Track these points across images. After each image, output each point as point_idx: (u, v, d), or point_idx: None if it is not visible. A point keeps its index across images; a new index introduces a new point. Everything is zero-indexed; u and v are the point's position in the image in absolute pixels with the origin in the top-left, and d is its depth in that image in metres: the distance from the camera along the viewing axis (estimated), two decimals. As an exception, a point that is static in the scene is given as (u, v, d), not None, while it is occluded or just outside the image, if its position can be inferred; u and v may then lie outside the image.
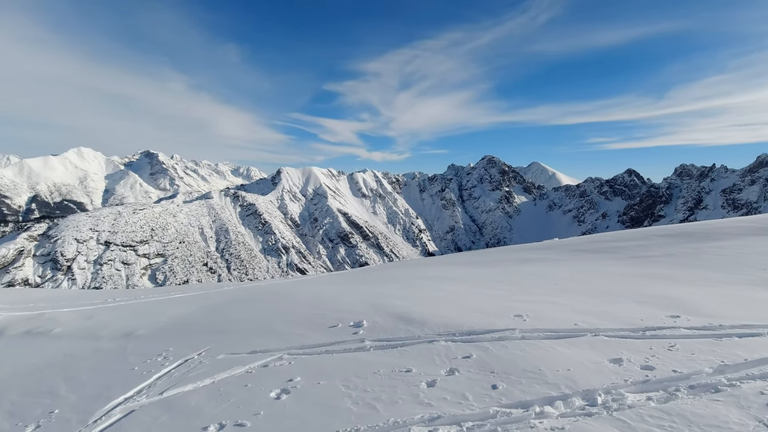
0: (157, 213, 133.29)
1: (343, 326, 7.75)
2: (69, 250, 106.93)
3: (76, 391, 5.79)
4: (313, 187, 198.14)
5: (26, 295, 14.36)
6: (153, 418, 4.83)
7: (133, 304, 11.78)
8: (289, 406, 4.83)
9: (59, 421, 4.96)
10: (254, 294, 12.65)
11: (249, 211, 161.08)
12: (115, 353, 7.29)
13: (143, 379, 6.01)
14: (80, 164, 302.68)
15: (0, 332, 8.62)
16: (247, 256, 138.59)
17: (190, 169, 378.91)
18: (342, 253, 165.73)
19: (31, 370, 6.65)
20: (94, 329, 8.77)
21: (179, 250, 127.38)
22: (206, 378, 5.80)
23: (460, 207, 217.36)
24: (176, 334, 8.15)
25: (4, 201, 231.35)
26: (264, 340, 7.27)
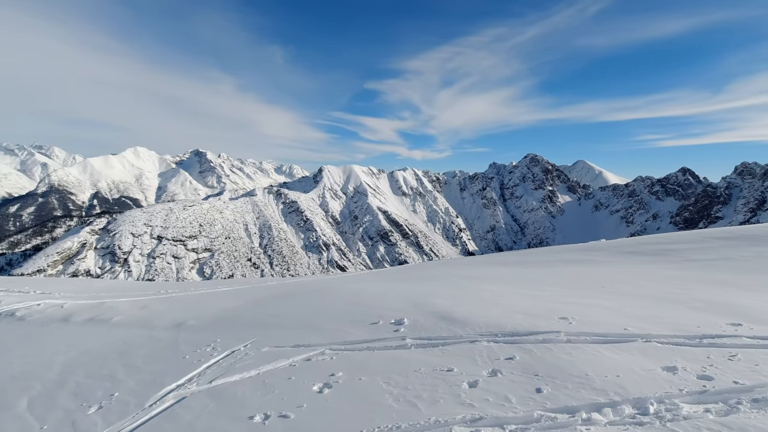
0: (205, 209, 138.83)
1: (384, 323, 7.80)
2: (125, 244, 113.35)
3: (134, 376, 6.14)
4: (353, 185, 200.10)
5: (89, 285, 15.37)
6: (203, 405, 5.05)
7: (183, 296, 12.35)
8: (332, 400, 4.92)
9: (119, 404, 5.27)
10: (297, 290, 12.95)
11: (291, 208, 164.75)
12: (168, 342, 7.67)
13: (194, 367, 6.29)
14: (136, 163, 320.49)
15: (66, 319, 9.29)
16: (289, 252, 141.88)
17: (236, 167, 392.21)
18: (381, 251, 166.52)
19: (93, 354, 7.12)
20: (148, 318, 9.27)
21: (225, 245, 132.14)
22: (252, 369, 6.00)
23: (502, 206, 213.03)
24: (224, 326, 8.48)
25: (69, 197, 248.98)
26: (307, 334, 7.43)
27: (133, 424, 4.76)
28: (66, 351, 7.35)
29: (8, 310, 9.72)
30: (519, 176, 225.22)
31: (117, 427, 4.71)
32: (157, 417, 4.85)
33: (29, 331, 8.77)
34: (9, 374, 6.39)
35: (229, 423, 4.58)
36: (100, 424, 4.79)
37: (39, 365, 6.71)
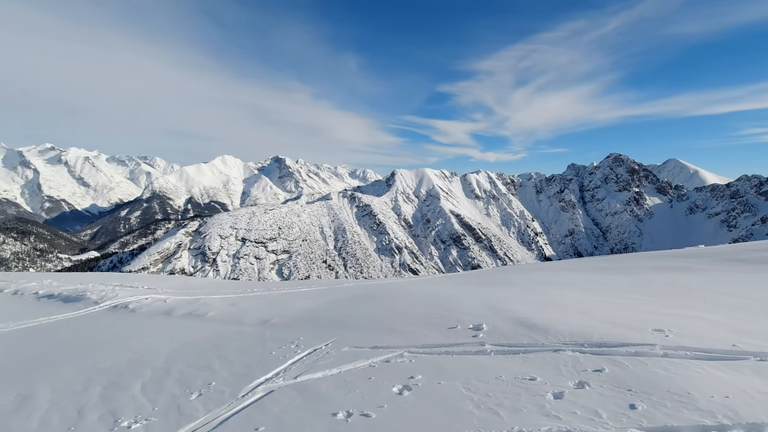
0: (283, 213, 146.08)
1: (462, 328, 7.72)
2: (214, 245, 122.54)
3: (227, 367, 6.64)
4: (425, 188, 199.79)
5: (186, 283, 16.86)
6: (289, 399, 5.33)
7: (267, 295, 13.11)
8: (412, 402, 4.97)
9: (215, 393, 5.73)
10: (373, 291, 13.22)
11: (365, 211, 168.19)
12: (256, 338, 8.19)
13: (279, 363, 6.66)
14: (224, 170, 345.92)
15: (169, 312, 10.29)
16: (362, 254, 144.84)
17: (313, 173, 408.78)
18: (454, 255, 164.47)
19: (192, 346, 7.81)
20: (238, 315, 9.98)
21: (302, 247, 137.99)
22: (333, 368, 6.23)
23: (581, 209, 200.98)
24: (306, 324, 8.89)
25: (168, 202, 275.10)
26: (385, 336, 7.57)
27: (229, 412, 5.15)
28: (169, 342, 8.13)
29: (122, 303, 10.97)
30: (601, 177, 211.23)
31: (215, 414, 5.13)
32: (249, 407, 5.21)
33: (139, 322, 9.82)
34: (125, 359, 7.21)
35: (314, 418, 4.80)
36: (200, 410, 5.24)
37: (148, 353, 7.49)
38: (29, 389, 6.17)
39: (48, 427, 5.09)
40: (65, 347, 8.36)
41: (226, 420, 4.93)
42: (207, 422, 4.94)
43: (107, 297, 11.41)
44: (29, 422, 5.22)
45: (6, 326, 9.65)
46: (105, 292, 11.83)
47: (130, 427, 4.93)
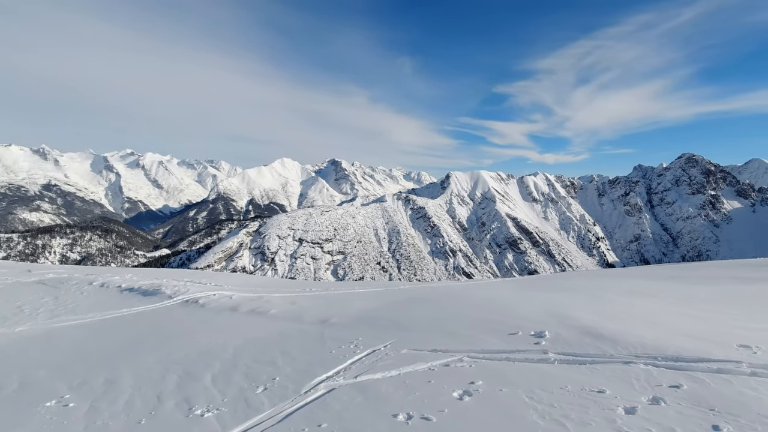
0: (339, 215, 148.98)
1: (523, 334, 7.51)
2: (273, 245, 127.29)
3: (290, 364, 6.88)
4: (481, 191, 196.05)
5: (248, 280, 17.67)
6: (350, 398, 5.43)
7: (325, 294, 13.44)
8: (473, 408, 4.90)
9: (279, 387, 5.96)
10: (429, 294, 13.17)
11: (419, 214, 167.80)
12: (316, 336, 8.42)
13: (339, 362, 6.80)
14: (282, 172, 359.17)
15: (235, 308, 10.84)
16: (416, 257, 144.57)
17: (368, 175, 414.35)
18: (510, 259, 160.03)
19: (257, 342, 8.17)
20: (298, 313, 10.31)
21: (356, 248, 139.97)
22: (392, 369, 6.28)
23: (648, 213, 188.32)
24: (364, 325, 9.02)
25: (231, 203, 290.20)
26: (444, 339, 7.52)
27: (292, 407, 5.34)
28: (236, 336, 8.56)
29: (193, 298, 11.69)
30: (671, 179, 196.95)
31: (279, 408, 5.33)
32: (312, 404, 5.36)
33: (208, 316, 10.42)
34: (197, 351, 7.67)
35: (375, 418, 4.86)
36: (266, 404, 5.47)
37: (217, 346, 7.92)
38: (115, 374, 6.73)
39: (132, 409, 5.53)
40: (144, 337, 9.04)
41: (290, 415, 5.10)
42: (272, 416, 5.15)
43: (180, 292, 12.21)
44: (116, 404, 5.70)
45: (95, 316, 10.61)
46: (178, 287, 12.67)
47: (203, 415, 5.23)
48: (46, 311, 10.98)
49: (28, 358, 7.92)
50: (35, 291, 12.79)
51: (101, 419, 5.30)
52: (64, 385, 6.41)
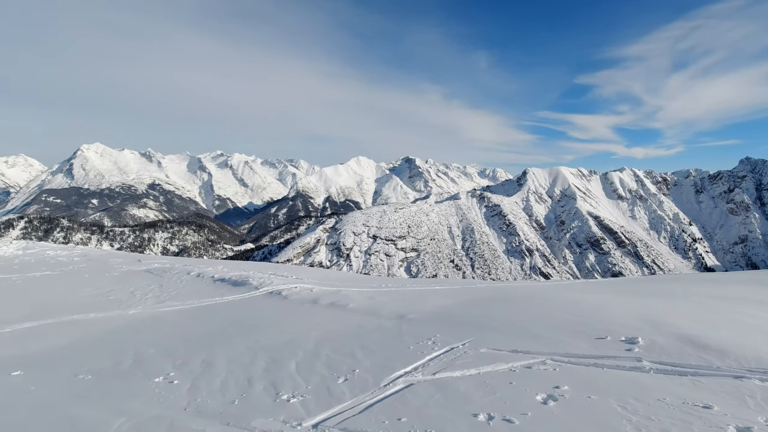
0: (413, 212, 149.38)
1: (613, 340, 7.03)
2: (348, 241, 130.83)
3: (369, 357, 7.03)
4: (560, 188, 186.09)
5: (326, 275, 18.35)
6: (429, 394, 5.43)
7: (401, 290, 13.55)
8: (558, 414, 4.68)
9: (359, 380, 6.12)
10: (507, 294, 12.78)
11: (494, 212, 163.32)
12: (393, 331, 8.52)
13: (417, 358, 6.82)
14: (358, 170, 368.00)
15: (315, 301, 11.32)
16: (491, 255, 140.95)
17: (441, 172, 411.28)
18: (591, 260, 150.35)
19: (337, 334, 8.46)
20: (375, 308, 10.51)
21: (430, 246, 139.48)
22: (471, 368, 6.18)
23: (758, 212, 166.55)
24: (441, 322, 8.97)
25: (309, 201, 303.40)
26: (524, 340, 7.26)
27: (373, 399, 5.46)
28: (317, 327, 8.92)
29: (277, 290, 12.39)
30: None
31: (360, 400, 5.47)
32: (391, 398, 5.44)
33: (291, 308, 10.98)
34: (282, 340, 8.12)
35: (455, 416, 4.81)
36: (347, 394, 5.64)
37: (300, 336, 8.32)
38: (211, 357, 7.32)
39: (227, 390, 5.98)
40: (235, 324, 9.74)
41: (371, 407, 5.22)
42: (353, 406, 5.30)
43: (265, 284, 12.99)
44: (212, 384, 6.20)
45: (193, 302, 11.64)
46: (263, 279, 13.49)
47: (289, 401, 5.52)
48: (153, 297, 12.24)
49: (139, 338, 8.89)
50: (144, 278, 14.31)
51: (200, 397, 5.80)
52: (169, 364, 7.09)
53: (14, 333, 9.43)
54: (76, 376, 6.80)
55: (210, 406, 5.50)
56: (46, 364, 7.52)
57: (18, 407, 5.61)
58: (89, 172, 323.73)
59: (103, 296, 12.45)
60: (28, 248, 20.33)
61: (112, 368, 7.17)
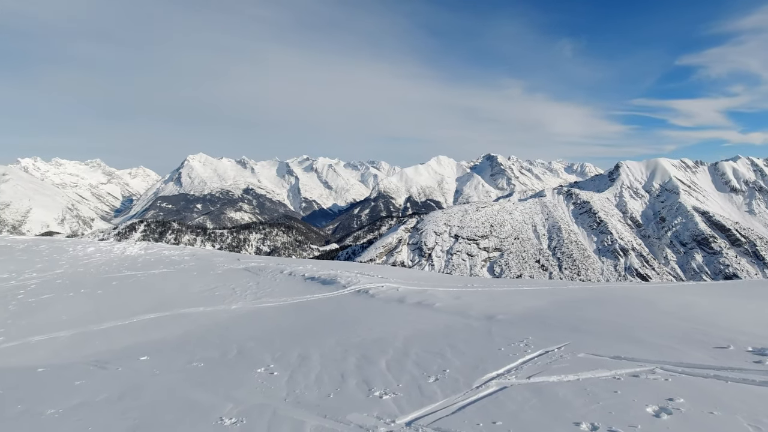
0: (495, 211, 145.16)
1: (737, 350, 6.24)
2: (430, 241, 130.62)
3: (458, 357, 6.95)
4: (659, 181, 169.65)
5: (411, 274, 18.48)
6: (524, 398, 5.22)
7: (488, 291, 13.22)
8: (674, 429, 4.24)
9: (450, 379, 6.06)
10: (603, 295, 11.91)
11: (582, 209, 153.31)
12: (482, 332, 8.33)
13: (510, 360, 6.60)
14: (438, 170, 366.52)
15: (401, 300, 11.45)
16: (580, 255, 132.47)
17: (525, 169, 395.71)
18: (698, 261, 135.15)
19: (425, 333, 8.47)
20: (463, 308, 10.36)
21: (514, 245, 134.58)
22: (569, 373, 5.84)
23: None
24: (533, 324, 8.60)
25: (390, 201, 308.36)
26: (629, 346, 6.71)
27: (465, 400, 5.37)
28: (405, 326, 9.00)
29: (364, 288, 12.73)
30: None
31: (452, 400, 5.42)
32: (484, 400, 5.32)
33: (378, 306, 11.21)
34: (371, 337, 8.31)
35: (554, 423, 4.57)
36: (438, 394, 5.62)
37: (388, 334, 8.45)
38: (305, 351, 7.70)
39: (322, 383, 6.25)
40: (325, 321, 10.17)
41: (463, 408, 5.14)
42: (445, 406, 5.26)
43: (352, 282, 13.41)
44: (308, 377, 6.52)
45: (286, 299, 12.37)
46: (350, 278, 13.93)
47: (381, 397, 5.63)
48: (251, 293, 13.20)
49: (241, 331, 9.63)
50: (243, 276, 15.48)
51: (298, 389, 6.12)
52: (268, 356, 7.59)
53: (140, 323, 10.72)
54: (190, 364, 7.53)
55: (307, 398, 5.79)
56: (166, 351, 8.43)
57: (147, 388, 6.35)
58: (194, 180, 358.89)
59: (209, 292, 13.67)
60: (148, 248, 22.97)
61: (220, 358, 7.83)
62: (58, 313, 11.57)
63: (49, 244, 23.81)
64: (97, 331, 10.29)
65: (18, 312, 11.74)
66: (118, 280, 15.30)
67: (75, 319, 11.10)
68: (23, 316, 11.43)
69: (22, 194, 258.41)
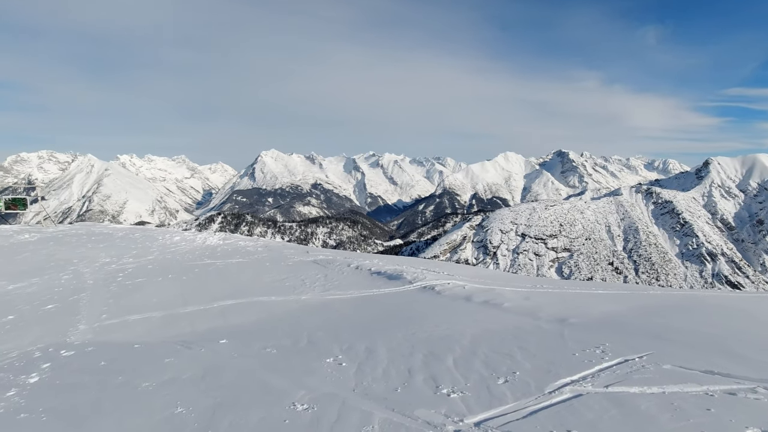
0: (565, 209, 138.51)
1: None
2: (495, 239, 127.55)
3: (529, 360, 6.71)
4: (758, 179, 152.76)
5: (477, 272, 18.12)
6: (602, 408, 4.93)
7: (559, 292, 12.62)
8: (781, 456, 3.81)
9: (521, 382, 5.87)
10: (692, 303, 10.93)
11: (664, 209, 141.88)
12: (554, 335, 7.99)
13: (585, 367, 6.27)
14: (505, 166, 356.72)
15: (468, 298, 11.27)
16: (659, 259, 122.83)
17: (599, 166, 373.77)
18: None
19: (492, 332, 8.26)
20: (532, 309, 9.98)
21: (585, 246, 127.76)
22: (653, 385, 5.43)
23: None
24: (610, 329, 8.10)
25: (456, 198, 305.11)
26: (723, 361, 6.10)
27: (537, 405, 5.18)
28: (472, 325, 8.85)
29: (430, 285, 12.68)
30: None
31: (523, 404, 5.25)
32: (558, 406, 5.09)
33: (444, 303, 11.11)
34: (437, 334, 8.26)
35: (638, 436, 4.29)
36: (508, 396, 5.46)
37: (455, 332, 8.35)
38: (372, 344, 7.82)
39: (389, 377, 6.32)
40: (391, 315, 10.26)
41: (535, 413, 4.96)
42: (516, 409, 5.11)
43: (418, 278, 13.41)
44: (376, 370, 6.61)
45: (353, 293, 12.65)
46: (416, 273, 13.94)
47: (449, 395, 5.58)
48: (320, 285, 13.63)
49: (311, 321, 9.99)
50: (312, 268, 16.03)
51: (366, 381, 6.23)
52: (337, 347, 7.80)
53: (220, 308, 11.47)
54: (264, 349, 7.94)
55: (375, 391, 5.88)
56: (243, 336, 8.96)
57: (227, 370, 6.79)
58: (266, 175, 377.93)
59: (280, 282, 14.31)
60: (226, 239, 24.51)
61: (291, 345, 8.18)
62: (150, 296, 12.70)
63: (143, 233, 26.19)
64: (182, 313, 11.17)
65: (118, 293, 13.05)
66: (199, 268, 16.47)
67: (164, 302, 12.13)
68: (122, 296, 12.68)
69: (120, 188, 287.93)
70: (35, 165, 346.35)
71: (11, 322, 10.81)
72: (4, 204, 26.88)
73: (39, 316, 11.24)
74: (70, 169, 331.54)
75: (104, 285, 14.00)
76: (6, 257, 18.47)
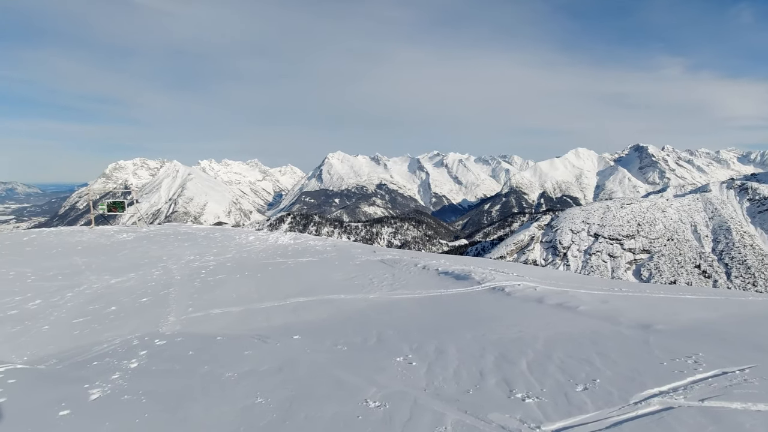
0: (644, 208, 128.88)
1: None
2: (565, 240, 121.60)
3: (610, 367, 6.32)
4: None
5: (548, 273, 17.39)
6: (697, 424, 4.52)
7: (640, 296, 11.76)
8: None
9: (601, 390, 5.54)
10: (802, 313, 9.72)
11: (763, 206, 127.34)
12: (638, 342, 7.45)
13: (675, 377, 5.79)
14: (576, 163, 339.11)
15: (540, 300, 10.83)
16: (757, 262, 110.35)
17: (683, 160, 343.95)
18: None
19: (568, 337, 7.88)
20: (611, 313, 9.39)
21: (666, 247, 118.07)
22: (759, 402, 4.89)
23: None
24: (703, 338, 7.42)
25: (523, 197, 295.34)
26: None
27: (621, 416, 4.86)
28: (545, 328, 8.50)
29: (499, 286, 12.36)
30: None
31: (605, 413, 4.95)
32: (645, 418, 4.75)
33: (514, 305, 10.78)
34: (509, 336, 8.03)
35: (740, 457, 3.89)
36: (589, 405, 5.18)
37: (527, 335, 8.07)
38: (442, 345, 7.76)
39: (460, 378, 6.24)
40: (460, 316, 10.13)
41: (619, 424, 4.66)
42: (598, 419, 4.83)
43: (487, 279, 13.11)
44: (446, 371, 6.56)
45: (421, 292, 12.65)
46: (485, 274, 13.64)
47: (524, 400, 5.40)
48: (387, 284, 13.77)
49: (380, 320, 10.12)
50: (379, 268, 16.25)
51: (437, 381, 6.20)
52: (406, 346, 7.83)
53: (292, 305, 11.98)
54: (335, 346, 8.17)
55: (446, 391, 5.83)
56: (315, 333, 9.27)
57: (300, 365, 7.07)
58: (333, 176, 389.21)
59: (348, 281, 14.64)
60: (296, 238, 25.54)
61: (361, 343, 8.34)
62: (229, 292, 13.56)
63: (222, 233, 28.01)
64: (259, 309, 11.80)
65: (201, 288, 14.07)
66: (273, 266, 17.30)
67: (242, 298, 12.90)
68: (205, 291, 13.66)
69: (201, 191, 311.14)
70: (131, 171, 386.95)
71: (114, 312, 12.08)
72: (107, 207, 30.19)
73: (136, 308, 12.44)
74: (159, 175, 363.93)
75: (189, 281, 15.17)
76: (109, 255, 20.65)
